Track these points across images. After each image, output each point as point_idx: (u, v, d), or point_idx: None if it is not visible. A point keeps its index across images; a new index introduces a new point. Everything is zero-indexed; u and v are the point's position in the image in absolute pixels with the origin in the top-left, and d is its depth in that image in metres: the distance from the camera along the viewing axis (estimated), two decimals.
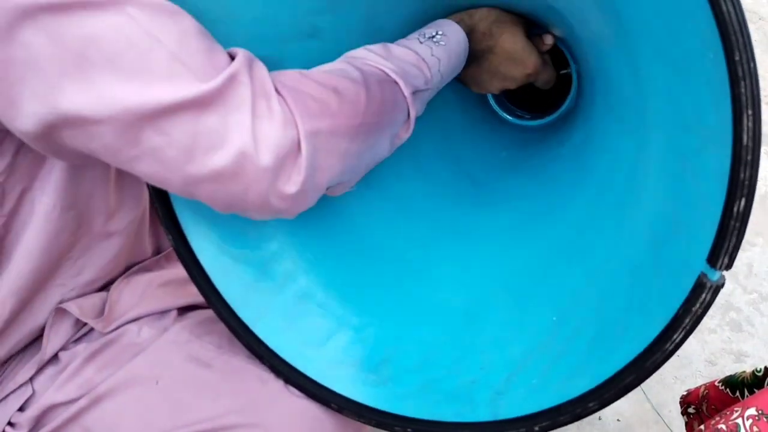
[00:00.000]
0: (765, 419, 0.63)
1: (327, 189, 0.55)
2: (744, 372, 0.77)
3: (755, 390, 0.74)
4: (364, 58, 0.59)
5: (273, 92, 0.48)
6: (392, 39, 0.65)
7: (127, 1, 0.44)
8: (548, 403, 0.54)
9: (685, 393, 0.87)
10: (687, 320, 0.46)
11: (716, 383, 0.80)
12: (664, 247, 0.52)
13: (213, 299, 0.64)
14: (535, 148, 0.83)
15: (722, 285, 0.45)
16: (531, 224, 0.74)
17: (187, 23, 0.47)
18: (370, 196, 0.72)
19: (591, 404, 0.52)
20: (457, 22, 0.67)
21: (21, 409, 0.63)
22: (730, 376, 0.79)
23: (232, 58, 0.50)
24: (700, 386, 0.84)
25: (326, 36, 0.63)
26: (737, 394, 0.77)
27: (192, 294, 0.69)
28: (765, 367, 0.75)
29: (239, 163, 0.46)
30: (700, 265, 0.45)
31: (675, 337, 0.47)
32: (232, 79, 0.46)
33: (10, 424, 0.63)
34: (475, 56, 0.70)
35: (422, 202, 0.77)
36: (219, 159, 0.46)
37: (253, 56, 0.50)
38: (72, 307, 0.64)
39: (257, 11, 0.58)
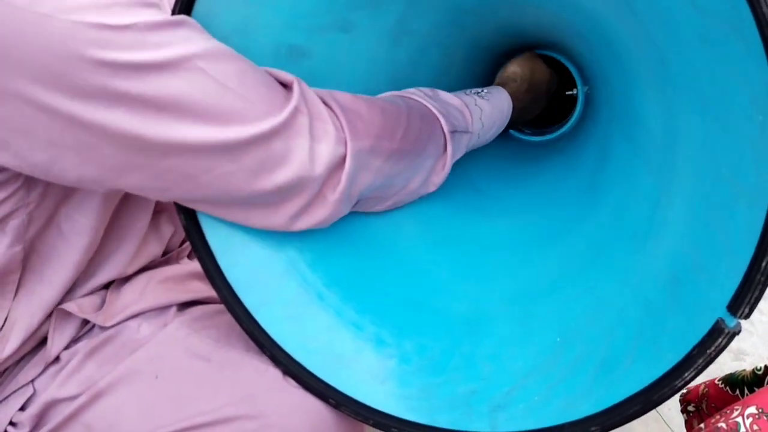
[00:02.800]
0: (765, 417, 0.63)
1: (355, 204, 0.62)
2: (744, 370, 0.77)
3: (755, 388, 0.74)
4: (412, 94, 0.66)
5: (326, 114, 0.55)
6: (421, 42, 0.72)
7: (194, 56, 0.49)
8: (549, 422, 0.55)
9: (684, 391, 0.87)
10: (700, 361, 0.48)
11: (716, 381, 0.80)
12: (683, 287, 0.52)
13: (217, 281, 0.64)
14: (544, 164, 0.84)
15: (738, 332, 0.46)
16: (538, 242, 0.75)
17: (242, 63, 0.53)
18: None
19: (593, 428, 0.53)
20: (502, 85, 0.79)
21: (22, 408, 0.63)
22: (730, 374, 0.79)
23: (281, 83, 0.56)
24: (700, 384, 0.84)
25: (357, 32, 0.66)
26: (737, 392, 0.77)
27: (192, 290, 0.70)
28: (765, 366, 0.75)
29: (299, 177, 0.54)
30: (719, 310, 0.46)
31: (686, 375, 0.49)
32: (295, 110, 0.53)
33: (11, 423, 0.63)
34: (521, 109, 0.81)
35: (426, 207, 0.77)
36: (282, 176, 0.53)
37: (301, 81, 0.56)
38: (72, 307, 0.64)
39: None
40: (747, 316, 0.45)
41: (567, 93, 0.88)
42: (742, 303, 0.45)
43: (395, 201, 0.66)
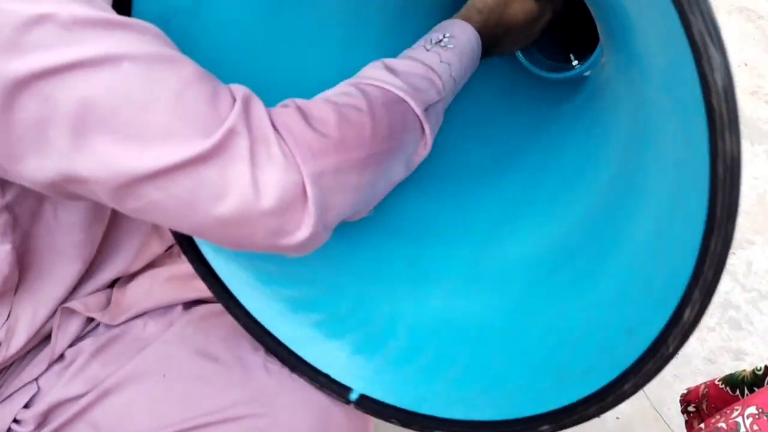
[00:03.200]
0: (765, 417, 0.63)
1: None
2: (744, 370, 0.77)
3: (755, 388, 0.75)
4: (368, 79, 0.56)
5: (272, 136, 0.47)
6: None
7: (123, 56, 0.43)
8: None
9: (685, 391, 0.87)
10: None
11: (716, 382, 0.81)
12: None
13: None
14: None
15: None
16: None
17: (187, 71, 0.46)
18: None
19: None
20: (466, 20, 0.65)
21: (26, 406, 0.63)
22: (731, 374, 0.80)
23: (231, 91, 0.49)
24: (700, 385, 0.85)
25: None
26: (737, 392, 0.77)
27: (197, 289, 0.70)
28: (765, 366, 0.76)
29: (242, 212, 0.46)
30: None
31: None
32: (230, 133, 0.45)
33: (15, 421, 0.63)
34: (493, 43, 0.69)
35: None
36: (222, 208, 0.45)
37: (251, 96, 0.49)
38: (77, 305, 0.65)
39: None
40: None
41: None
42: None
43: (380, 199, 0.58)
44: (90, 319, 0.67)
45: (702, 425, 0.68)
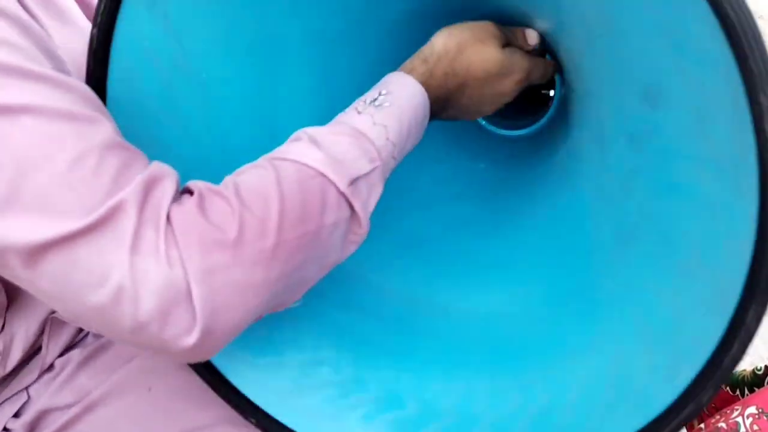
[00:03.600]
0: (765, 417, 0.63)
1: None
2: (744, 370, 0.77)
3: (755, 388, 0.74)
4: (284, 153, 0.49)
5: (162, 223, 0.41)
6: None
7: (25, 108, 0.40)
8: None
9: None
10: None
11: None
12: None
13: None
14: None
15: None
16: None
17: (99, 137, 0.42)
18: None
19: None
20: (408, 72, 0.56)
21: (16, 415, 0.64)
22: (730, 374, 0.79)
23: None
24: None
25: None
26: (737, 392, 0.76)
27: None
28: (765, 366, 0.75)
29: (118, 304, 0.40)
30: None
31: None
32: (115, 209, 0.40)
33: (5, 430, 0.64)
34: (446, 98, 0.59)
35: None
36: (97, 297, 0.40)
37: (163, 176, 0.44)
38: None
39: None
40: None
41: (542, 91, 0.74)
42: None
43: (308, 288, 0.51)
44: (80, 329, 0.67)
45: (702, 425, 0.67)
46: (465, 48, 0.58)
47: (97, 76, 0.54)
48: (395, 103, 0.53)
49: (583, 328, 0.59)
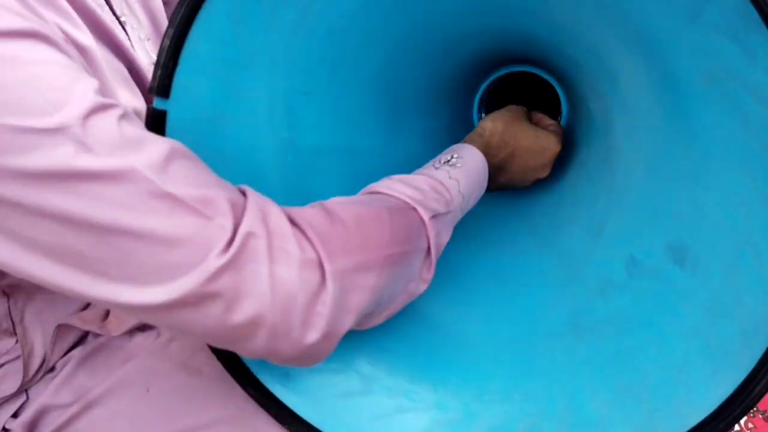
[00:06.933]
0: (760, 416, 0.63)
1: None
2: None
3: None
4: (382, 188, 0.57)
5: (289, 232, 0.45)
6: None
7: (135, 166, 0.41)
8: None
9: None
10: None
11: None
12: None
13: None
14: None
15: None
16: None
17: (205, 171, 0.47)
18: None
19: None
20: (470, 143, 0.70)
21: (15, 415, 0.64)
22: None
23: (243, 193, 0.48)
24: None
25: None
26: None
27: None
28: None
29: (258, 313, 0.44)
30: None
31: None
32: (247, 237, 0.43)
33: (4, 429, 0.64)
34: (500, 166, 0.74)
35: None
36: (238, 316, 0.43)
37: (256, 194, 0.48)
38: (74, 321, 0.66)
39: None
40: None
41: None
42: None
43: (392, 311, 0.56)
44: (85, 333, 0.68)
45: None
46: (509, 124, 0.74)
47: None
48: (465, 165, 0.65)
49: None
